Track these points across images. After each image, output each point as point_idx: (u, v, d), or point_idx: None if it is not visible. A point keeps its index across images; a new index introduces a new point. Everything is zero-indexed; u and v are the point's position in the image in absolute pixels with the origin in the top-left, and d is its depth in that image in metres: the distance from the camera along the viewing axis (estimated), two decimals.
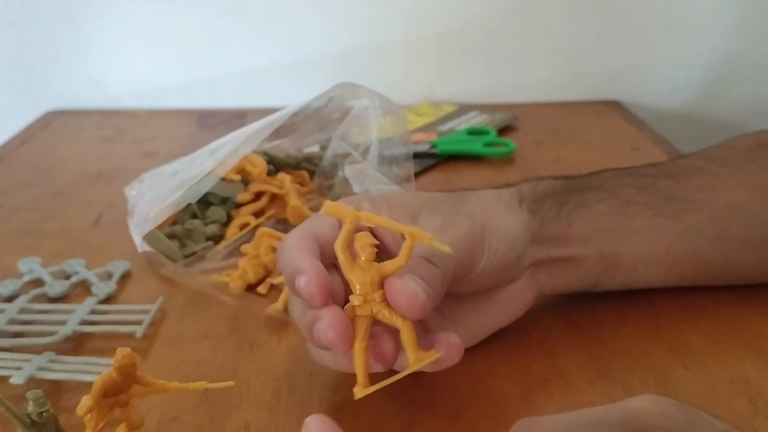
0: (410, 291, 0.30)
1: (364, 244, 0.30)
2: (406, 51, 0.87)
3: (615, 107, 0.87)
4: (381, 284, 0.30)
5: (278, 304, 0.44)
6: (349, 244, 0.30)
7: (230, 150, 0.49)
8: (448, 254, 0.30)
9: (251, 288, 0.48)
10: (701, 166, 0.44)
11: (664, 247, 0.42)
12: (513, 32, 0.87)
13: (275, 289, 0.47)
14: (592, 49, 0.87)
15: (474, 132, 0.75)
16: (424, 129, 0.76)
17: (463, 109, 0.83)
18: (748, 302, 0.44)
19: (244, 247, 0.49)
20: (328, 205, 0.30)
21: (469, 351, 0.38)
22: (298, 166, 0.61)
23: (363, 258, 0.30)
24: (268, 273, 0.48)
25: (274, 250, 0.49)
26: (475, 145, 0.71)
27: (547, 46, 0.88)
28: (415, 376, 0.38)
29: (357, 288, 0.30)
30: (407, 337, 0.30)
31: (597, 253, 0.42)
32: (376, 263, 0.30)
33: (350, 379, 0.38)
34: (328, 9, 0.85)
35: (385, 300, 0.30)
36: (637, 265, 0.43)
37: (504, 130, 0.78)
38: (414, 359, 0.31)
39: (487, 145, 0.72)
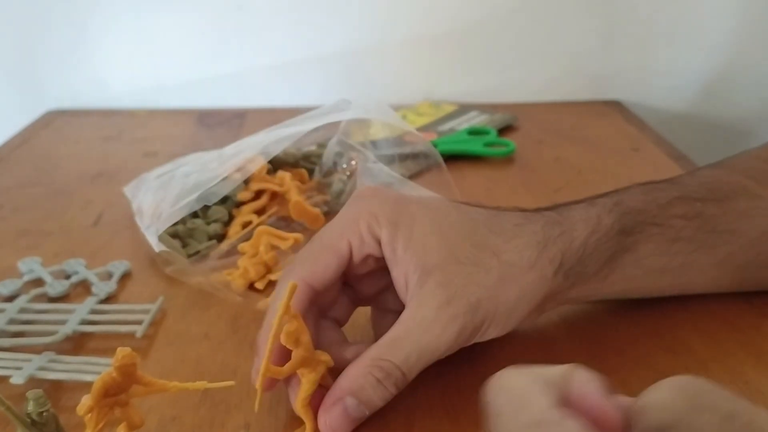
0: (329, 427, 0.34)
1: (289, 333, 0.32)
2: (406, 51, 0.87)
3: (615, 107, 0.87)
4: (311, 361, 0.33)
5: (270, 299, 0.44)
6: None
7: (242, 161, 0.49)
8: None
9: (252, 285, 0.48)
10: (744, 185, 0.43)
11: (687, 279, 0.42)
12: (513, 32, 0.87)
13: (273, 286, 0.47)
14: (592, 49, 0.87)
15: (474, 132, 0.75)
16: (424, 129, 0.76)
17: (463, 109, 0.83)
18: (748, 302, 0.44)
19: (242, 246, 0.49)
20: (292, 285, 0.32)
21: (469, 351, 0.39)
22: (296, 165, 0.61)
23: (292, 346, 0.33)
24: (269, 270, 0.48)
25: (274, 248, 0.49)
26: (476, 145, 0.71)
27: (547, 46, 0.88)
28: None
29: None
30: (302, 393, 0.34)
31: (618, 291, 0.41)
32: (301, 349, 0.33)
33: None
34: (328, 9, 0.85)
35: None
36: (652, 292, 0.43)
37: (504, 130, 0.78)
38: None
39: (488, 145, 0.72)
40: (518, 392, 0.23)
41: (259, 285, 0.47)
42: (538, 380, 0.23)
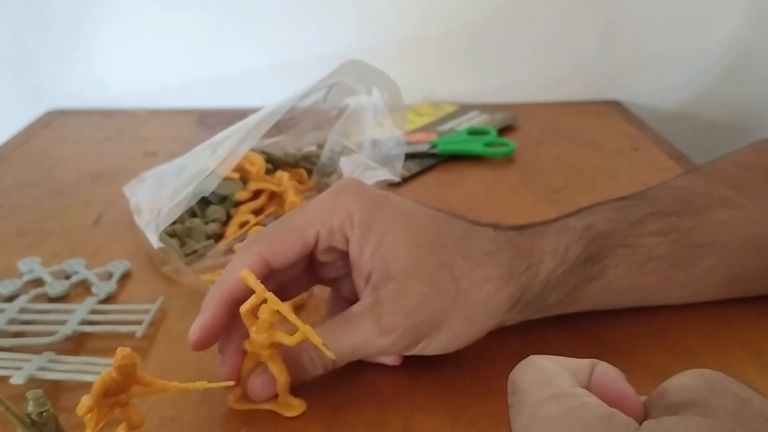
0: (255, 388, 0.36)
1: (267, 312, 0.33)
2: (406, 51, 0.87)
3: (615, 107, 0.87)
4: (271, 344, 0.34)
5: (246, 304, 0.44)
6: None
7: (232, 146, 0.49)
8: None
9: None
10: (722, 195, 0.42)
11: (663, 296, 0.42)
12: (513, 32, 0.87)
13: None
14: (592, 49, 0.87)
15: (474, 132, 0.75)
16: (424, 129, 0.76)
17: (464, 109, 0.83)
18: (748, 302, 0.44)
19: (237, 246, 0.49)
20: (246, 273, 0.33)
21: (469, 351, 0.39)
22: (296, 164, 0.61)
23: (259, 325, 0.34)
24: None
25: None
26: (476, 145, 0.71)
27: (547, 46, 0.87)
28: (415, 375, 0.38)
29: (251, 342, 0.35)
30: (280, 384, 0.35)
31: (584, 309, 0.41)
32: (274, 327, 0.34)
33: (350, 379, 0.38)
34: (328, 9, 0.85)
35: (272, 357, 0.35)
36: (626, 306, 0.43)
37: (504, 130, 0.78)
38: (279, 403, 0.36)
39: (488, 145, 0.72)
40: (545, 371, 0.25)
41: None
42: (561, 365, 0.25)
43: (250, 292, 0.33)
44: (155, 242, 0.47)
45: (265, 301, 0.33)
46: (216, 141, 0.53)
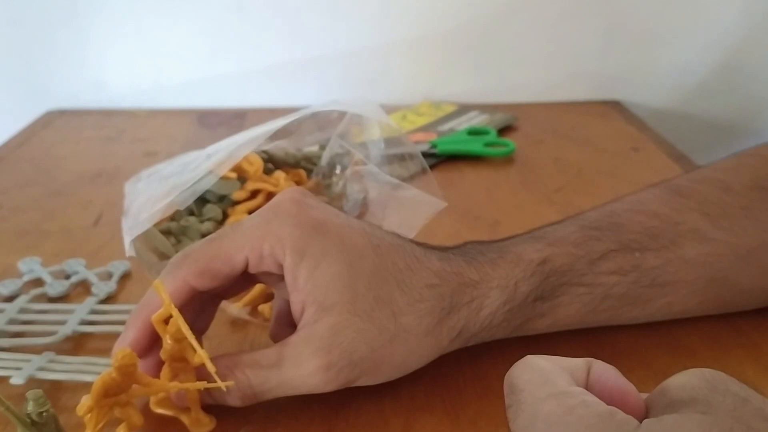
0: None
1: (174, 327, 0.33)
2: (406, 51, 0.87)
3: (615, 107, 0.87)
4: (180, 357, 0.34)
5: (239, 304, 0.44)
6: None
7: (227, 154, 0.49)
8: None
9: None
10: (694, 227, 0.40)
11: (613, 325, 0.41)
12: (513, 32, 0.87)
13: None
14: (592, 49, 0.87)
15: (474, 132, 0.75)
16: (424, 129, 0.76)
17: (463, 109, 0.83)
18: None
19: None
20: (158, 284, 0.33)
21: (469, 351, 0.39)
22: (297, 165, 0.61)
23: (169, 337, 0.34)
24: None
25: None
26: (475, 145, 0.71)
27: (547, 46, 0.88)
28: (416, 375, 0.38)
29: (164, 351, 0.34)
30: (188, 399, 0.35)
31: (531, 334, 0.40)
32: (185, 341, 0.33)
33: None
34: (329, 9, 0.85)
35: (183, 369, 0.34)
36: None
37: (504, 130, 0.78)
38: (188, 417, 0.35)
39: (487, 145, 0.72)
40: (542, 371, 0.25)
41: None
42: (557, 365, 0.25)
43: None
44: (128, 250, 0.46)
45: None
46: (210, 151, 0.53)
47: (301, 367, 0.33)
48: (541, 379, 0.24)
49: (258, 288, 0.45)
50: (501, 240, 0.39)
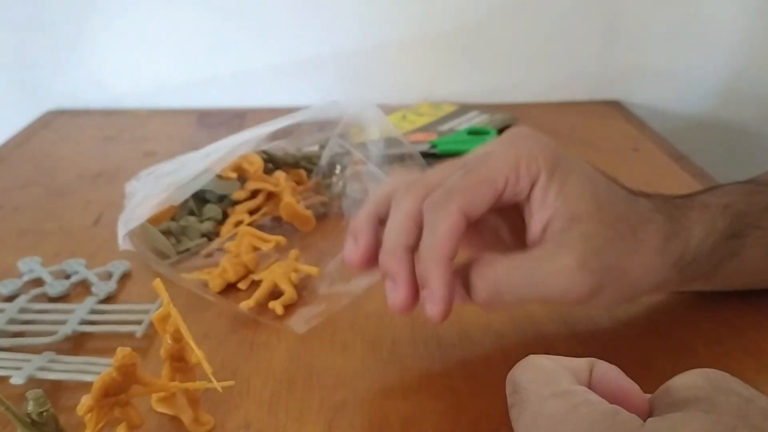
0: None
1: (173, 328, 0.34)
2: (406, 51, 0.87)
3: (615, 107, 0.87)
4: (179, 357, 0.34)
5: (250, 301, 0.44)
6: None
7: (224, 153, 0.49)
8: None
9: (232, 287, 0.47)
10: None
11: None
12: (513, 32, 0.87)
13: (255, 286, 0.46)
14: (592, 49, 0.87)
15: (474, 132, 0.75)
16: (424, 129, 0.76)
17: (464, 109, 0.83)
18: (749, 302, 0.44)
19: (228, 246, 0.49)
20: (157, 283, 0.33)
21: (468, 351, 0.39)
22: (297, 165, 0.61)
23: (168, 337, 0.34)
24: (248, 272, 0.48)
25: (255, 249, 0.48)
26: (475, 145, 0.71)
27: (547, 46, 0.88)
28: (416, 375, 0.38)
29: (164, 350, 0.34)
30: (189, 398, 0.35)
31: (715, 287, 0.42)
32: (183, 340, 0.34)
33: (350, 379, 0.38)
34: (328, 9, 0.85)
35: (181, 369, 0.35)
36: (745, 287, 0.43)
37: (504, 130, 0.78)
38: (188, 417, 0.35)
39: None
40: (545, 370, 0.25)
41: (242, 285, 0.47)
42: (560, 364, 0.25)
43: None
44: (121, 244, 0.46)
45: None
46: (208, 150, 0.53)
47: (554, 263, 0.34)
48: (544, 379, 0.24)
49: (266, 285, 0.45)
50: (668, 196, 0.40)
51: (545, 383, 0.24)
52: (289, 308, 0.45)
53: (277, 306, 0.44)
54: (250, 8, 0.85)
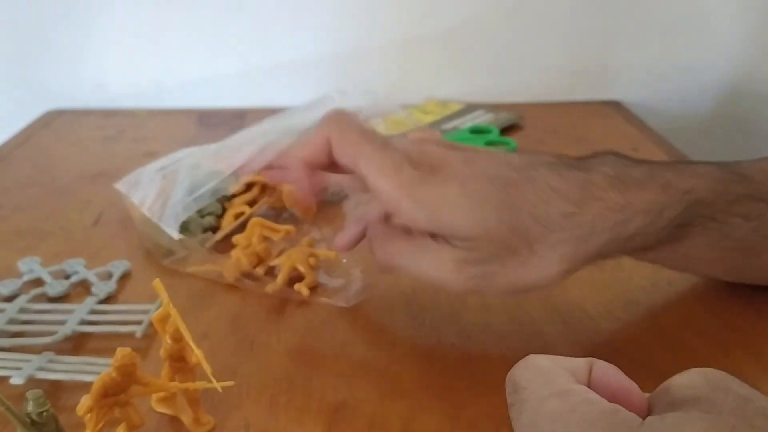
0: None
1: (172, 328, 0.34)
2: (406, 51, 0.87)
3: (615, 107, 0.87)
4: (179, 357, 0.34)
5: (278, 282, 0.46)
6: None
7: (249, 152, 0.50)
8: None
9: (250, 274, 0.48)
10: None
11: (720, 271, 0.43)
12: (512, 32, 0.87)
13: (272, 272, 0.47)
14: (592, 49, 0.87)
15: (476, 130, 0.75)
16: (428, 127, 0.76)
17: (470, 108, 0.83)
18: (749, 302, 0.44)
19: (236, 238, 0.50)
20: (157, 282, 0.33)
21: (468, 351, 0.39)
22: None
23: (168, 337, 0.34)
24: (261, 260, 0.49)
25: (266, 239, 0.50)
26: (476, 143, 0.71)
27: (547, 47, 0.87)
28: (416, 375, 0.38)
29: (164, 350, 0.35)
30: (189, 398, 0.35)
31: (652, 262, 0.42)
32: (183, 340, 0.34)
33: (350, 379, 0.38)
34: (329, 9, 0.85)
35: (181, 370, 0.35)
36: (683, 271, 0.45)
37: (509, 129, 0.78)
38: (188, 416, 0.35)
39: (489, 143, 0.72)
40: (544, 369, 0.25)
41: (259, 270, 0.48)
42: (559, 364, 0.25)
43: (324, 157, 0.39)
44: (175, 233, 0.48)
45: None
46: (229, 146, 0.54)
47: (437, 258, 0.36)
48: (544, 378, 0.24)
49: (286, 269, 0.46)
50: (644, 161, 0.39)
51: (544, 382, 0.24)
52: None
53: (302, 288, 0.45)
54: (250, 8, 0.85)
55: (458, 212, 0.36)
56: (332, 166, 0.40)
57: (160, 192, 0.52)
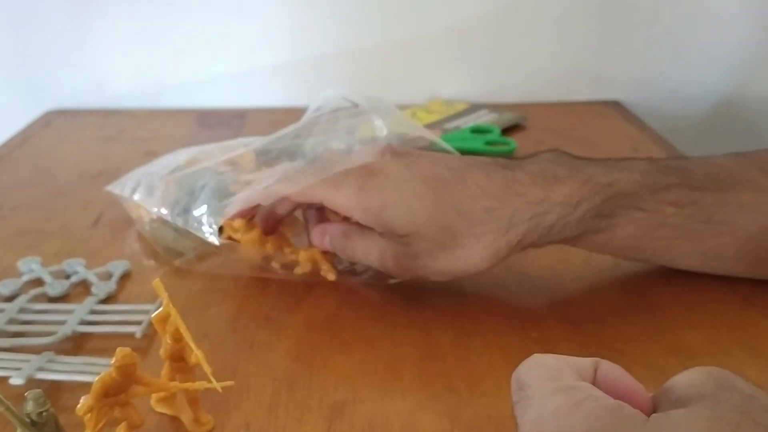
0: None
1: (172, 328, 0.34)
2: (406, 51, 0.87)
3: (615, 107, 0.87)
4: (179, 357, 0.34)
5: (303, 265, 0.46)
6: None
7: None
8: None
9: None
10: (753, 178, 0.43)
11: (669, 259, 0.44)
12: (512, 32, 0.87)
13: (290, 262, 0.48)
14: (592, 49, 0.87)
15: (477, 130, 0.75)
16: (430, 127, 0.76)
17: (473, 107, 0.83)
18: (748, 302, 0.44)
19: (240, 237, 0.48)
20: (157, 283, 0.34)
21: (468, 351, 0.39)
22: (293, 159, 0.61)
23: (168, 337, 0.34)
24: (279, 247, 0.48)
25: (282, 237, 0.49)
26: (477, 143, 0.71)
27: (547, 47, 0.87)
28: (416, 375, 0.38)
29: (164, 350, 0.35)
30: (189, 398, 0.35)
31: (589, 250, 0.44)
32: (183, 341, 0.34)
33: (350, 379, 0.38)
34: (329, 9, 0.85)
35: (180, 369, 0.35)
36: (631, 259, 0.45)
37: (511, 129, 0.78)
38: (187, 417, 0.35)
39: (489, 143, 0.72)
40: (550, 367, 0.25)
41: (271, 250, 0.47)
42: (565, 363, 0.25)
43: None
44: (215, 239, 0.47)
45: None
46: (260, 157, 0.54)
47: (375, 249, 0.42)
48: (549, 375, 0.24)
49: (309, 255, 0.47)
50: (576, 157, 0.43)
51: (549, 379, 0.24)
52: None
53: (328, 273, 0.46)
54: (250, 8, 0.85)
55: (395, 212, 0.40)
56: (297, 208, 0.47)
57: (177, 197, 0.52)
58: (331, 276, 0.46)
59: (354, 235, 0.43)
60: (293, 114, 0.53)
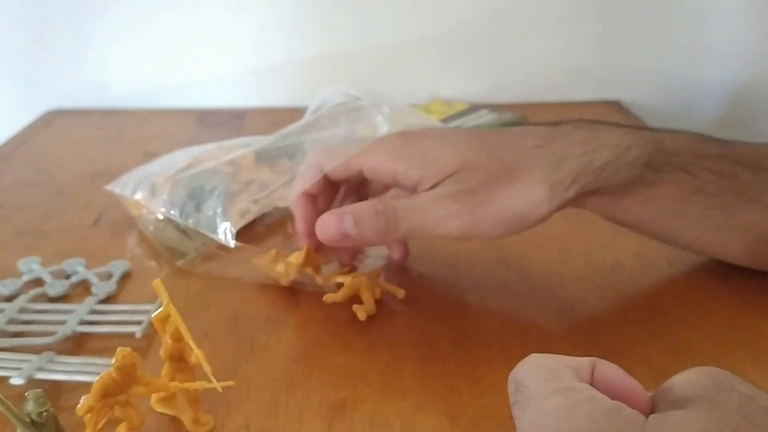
0: (322, 227, 0.42)
1: (172, 328, 0.34)
2: (406, 51, 0.87)
3: (615, 107, 0.87)
4: (179, 357, 0.34)
5: (337, 296, 0.44)
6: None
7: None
8: None
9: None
10: None
11: (699, 232, 0.44)
12: (512, 32, 0.87)
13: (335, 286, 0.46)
14: (592, 49, 0.87)
15: None
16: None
17: (474, 107, 0.83)
18: (748, 302, 0.44)
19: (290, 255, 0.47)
20: (157, 283, 0.34)
21: (468, 351, 0.39)
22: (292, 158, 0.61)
23: (168, 337, 0.34)
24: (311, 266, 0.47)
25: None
26: None
27: (546, 47, 0.87)
28: (416, 375, 0.38)
29: (164, 350, 0.35)
30: (189, 398, 0.35)
31: (631, 219, 0.44)
32: (183, 341, 0.34)
33: (350, 379, 0.38)
34: (329, 9, 0.85)
35: (180, 369, 0.35)
36: (663, 233, 0.45)
37: None
38: (187, 417, 0.35)
39: None
40: (548, 367, 0.25)
41: (310, 271, 0.46)
42: (563, 363, 0.25)
43: (318, 182, 0.44)
44: (232, 242, 0.48)
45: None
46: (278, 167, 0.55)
47: (437, 209, 0.40)
48: (547, 375, 0.24)
49: (349, 290, 0.44)
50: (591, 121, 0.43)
51: (547, 380, 0.24)
52: None
53: (360, 311, 0.43)
54: (250, 8, 0.85)
55: (441, 153, 0.41)
56: (327, 189, 0.46)
57: (185, 198, 0.52)
58: (362, 316, 0.43)
59: (397, 203, 0.41)
60: (293, 114, 0.53)
